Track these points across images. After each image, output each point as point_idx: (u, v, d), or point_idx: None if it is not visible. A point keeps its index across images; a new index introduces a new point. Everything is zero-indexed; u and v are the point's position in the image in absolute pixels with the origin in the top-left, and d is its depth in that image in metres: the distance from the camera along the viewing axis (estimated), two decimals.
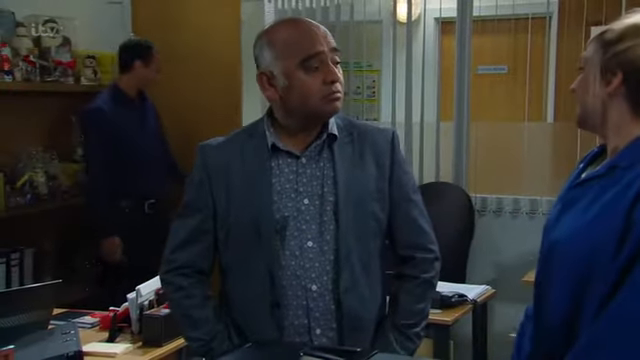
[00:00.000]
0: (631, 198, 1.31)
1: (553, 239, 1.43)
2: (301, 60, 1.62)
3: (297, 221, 1.67)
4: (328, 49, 1.65)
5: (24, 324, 2.12)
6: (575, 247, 1.36)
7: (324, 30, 1.69)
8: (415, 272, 1.77)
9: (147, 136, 3.65)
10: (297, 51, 1.63)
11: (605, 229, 1.32)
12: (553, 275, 1.41)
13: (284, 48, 1.64)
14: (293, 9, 3.91)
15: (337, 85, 1.65)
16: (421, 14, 4.45)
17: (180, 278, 1.73)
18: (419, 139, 3.82)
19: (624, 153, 1.40)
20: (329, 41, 1.66)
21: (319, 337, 1.67)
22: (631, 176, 1.35)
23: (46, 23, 3.73)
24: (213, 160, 1.72)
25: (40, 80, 3.60)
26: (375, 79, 4.22)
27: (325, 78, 1.63)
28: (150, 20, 4.14)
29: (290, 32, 1.66)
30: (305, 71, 1.63)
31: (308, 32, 1.65)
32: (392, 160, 1.75)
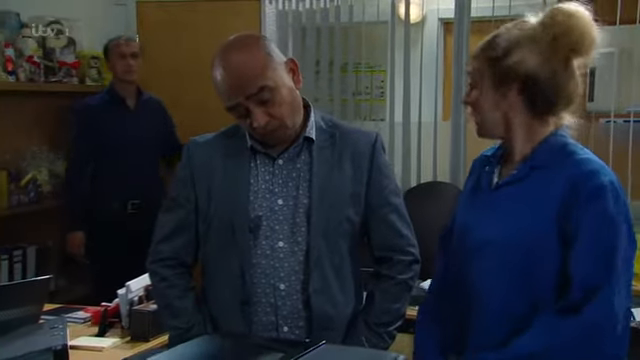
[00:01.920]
0: (559, 196, 1.41)
1: (481, 238, 1.50)
2: (226, 109, 1.66)
3: (270, 221, 1.70)
4: (245, 97, 1.61)
5: (14, 318, 2.15)
6: (514, 244, 1.44)
7: (244, 72, 1.61)
8: (391, 273, 1.79)
9: (136, 137, 3.56)
10: (223, 101, 1.66)
11: (540, 226, 1.41)
12: (490, 271, 1.47)
13: (216, 91, 1.67)
14: (294, 10, 3.94)
15: (265, 127, 1.64)
16: (426, 15, 4.46)
17: (164, 269, 1.78)
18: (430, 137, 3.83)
19: (538, 154, 1.49)
20: (246, 87, 1.61)
21: (286, 334, 1.70)
22: (553, 175, 1.44)
23: (51, 24, 3.79)
24: (197, 157, 1.77)
25: (44, 80, 3.67)
26: (383, 79, 4.23)
27: (252, 124, 1.64)
28: (155, 22, 4.19)
29: (215, 78, 1.65)
30: (236, 116, 1.67)
31: (225, 81, 1.63)
32: (371, 163, 1.76)
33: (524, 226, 1.43)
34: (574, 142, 1.51)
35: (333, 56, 3.93)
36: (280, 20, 3.97)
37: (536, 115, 1.49)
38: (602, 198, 1.39)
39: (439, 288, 1.67)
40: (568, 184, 1.41)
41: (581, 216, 1.39)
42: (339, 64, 3.95)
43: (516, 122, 1.49)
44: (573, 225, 1.39)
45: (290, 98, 1.67)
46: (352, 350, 1.28)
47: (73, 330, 2.32)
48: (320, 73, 3.99)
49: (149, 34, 4.19)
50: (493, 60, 1.47)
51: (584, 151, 1.49)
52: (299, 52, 3.97)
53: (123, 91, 3.61)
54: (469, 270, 1.52)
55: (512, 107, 1.48)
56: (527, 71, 1.44)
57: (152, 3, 4.21)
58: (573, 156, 1.46)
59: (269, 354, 1.17)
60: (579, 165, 1.44)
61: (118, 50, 3.58)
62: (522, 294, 1.44)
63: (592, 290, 1.37)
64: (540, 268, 1.42)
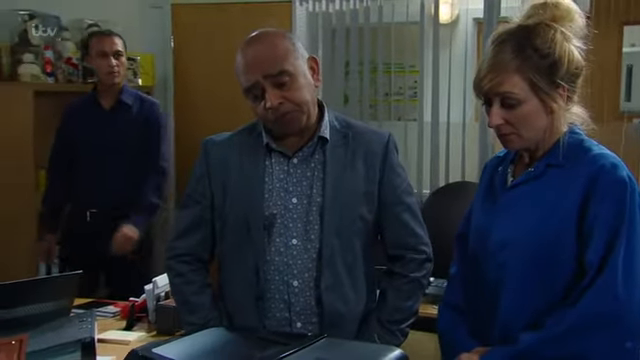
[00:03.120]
0: (580, 193, 1.40)
1: (501, 237, 1.50)
2: (244, 91, 1.71)
3: (284, 219, 1.74)
4: (263, 76, 1.66)
5: (46, 312, 2.25)
6: (533, 242, 1.44)
7: (266, 55, 1.67)
8: (404, 271, 1.82)
9: (108, 140, 3.18)
10: (241, 82, 1.71)
11: (560, 223, 1.41)
12: (511, 270, 1.47)
13: (237, 76, 1.72)
14: (324, 12, 3.98)
15: (278, 110, 1.68)
16: (459, 14, 4.45)
17: (181, 265, 1.83)
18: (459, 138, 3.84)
19: (555, 152, 1.49)
20: (266, 67, 1.66)
21: (300, 330, 1.74)
22: (571, 173, 1.44)
23: (89, 27, 3.91)
24: (214, 155, 1.82)
25: (82, 81, 3.78)
26: (415, 79, 4.23)
27: (265, 105, 1.68)
28: (189, 24, 4.29)
29: (238, 62, 1.71)
30: (251, 99, 1.71)
31: (246, 63, 1.68)
32: (384, 163, 1.79)
33: (543, 224, 1.44)
34: (588, 139, 1.52)
35: (363, 57, 3.96)
36: (310, 21, 4.01)
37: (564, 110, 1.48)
38: (620, 192, 1.39)
39: (459, 285, 1.68)
40: (588, 180, 1.42)
41: (599, 210, 1.39)
42: (369, 65, 3.97)
43: (557, 120, 1.48)
44: (591, 219, 1.40)
45: (307, 89, 1.71)
46: (351, 344, 1.32)
47: (102, 324, 2.40)
48: (350, 74, 4.02)
49: (184, 36, 4.29)
50: (545, 67, 1.43)
51: (599, 147, 1.50)
52: (329, 53, 4.01)
53: (102, 92, 3.23)
54: (489, 271, 1.52)
55: (561, 106, 1.47)
56: (573, 66, 1.45)
57: (187, 6, 4.30)
58: (590, 152, 1.47)
59: (271, 346, 1.22)
60: (597, 160, 1.44)
61: (99, 47, 3.16)
62: (542, 291, 1.44)
63: (593, 279, 1.38)
64: (558, 264, 1.43)
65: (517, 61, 1.43)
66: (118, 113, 3.22)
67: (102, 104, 3.22)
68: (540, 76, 1.43)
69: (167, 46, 4.33)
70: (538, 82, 1.43)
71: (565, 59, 1.44)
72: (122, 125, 3.21)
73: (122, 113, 3.22)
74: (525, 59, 1.42)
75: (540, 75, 1.43)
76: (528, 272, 1.45)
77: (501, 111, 1.45)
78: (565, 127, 1.51)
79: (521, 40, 1.44)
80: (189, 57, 4.27)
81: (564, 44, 1.44)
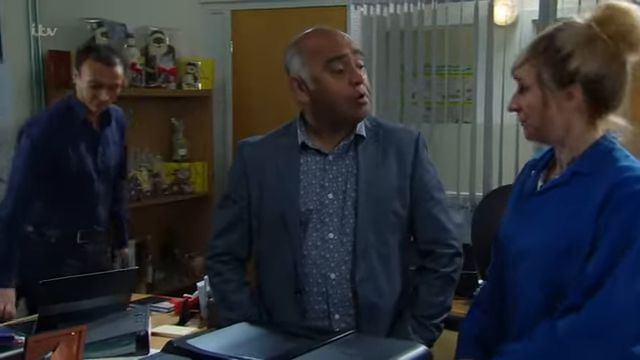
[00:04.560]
0: (598, 204, 1.38)
1: (522, 246, 1.50)
2: (326, 62, 1.76)
3: (320, 214, 1.81)
4: (351, 51, 1.78)
5: (104, 305, 2.38)
6: (548, 251, 1.44)
7: (348, 36, 1.83)
8: (435, 266, 1.87)
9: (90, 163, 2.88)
10: (322, 55, 1.77)
11: (576, 233, 1.40)
12: (529, 278, 1.48)
13: (311, 54, 1.79)
14: (378, 16, 4.02)
15: (362, 87, 1.78)
16: (518, 16, 4.42)
17: (219, 264, 1.92)
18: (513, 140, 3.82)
19: (584, 160, 1.47)
20: (352, 45, 1.80)
21: (338, 322, 1.80)
22: (593, 183, 1.42)
23: (153, 34, 4.07)
24: (250, 156, 1.90)
25: (145, 86, 3.94)
26: (471, 82, 4.23)
27: (350, 79, 1.77)
28: (248, 29, 4.41)
29: (316, 39, 1.81)
30: (331, 73, 1.76)
31: (332, 37, 1.80)
32: (415, 159, 1.86)
33: (562, 233, 1.44)
34: (621, 148, 1.50)
35: (417, 60, 3.98)
36: (365, 25, 4.06)
37: (593, 117, 1.47)
38: (630, 205, 1.38)
39: (488, 287, 1.70)
40: (607, 191, 1.40)
41: (607, 222, 1.38)
42: (423, 68, 3.99)
43: (575, 125, 1.48)
44: (600, 232, 1.39)
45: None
46: (377, 339, 1.37)
47: (157, 318, 2.51)
48: (404, 77, 4.05)
49: (243, 40, 4.41)
50: (555, 61, 1.44)
51: (629, 158, 1.47)
52: (383, 56, 4.05)
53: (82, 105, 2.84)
54: (510, 277, 1.54)
55: (575, 109, 1.46)
56: (590, 72, 1.43)
57: (246, 11, 4.42)
58: (615, 163, 1.45)
59: (299, 340, 1.28)
60: (622, 172, 1.43)
61: (97, 77, 2.75)
62: (557, 300, 1.44)
63: (593, 288, 1.36)
64: (572, 274, 1.42)
65: (533, 51, 1.47)
66: (102, 131, 2.93)
67: (78, 118, 2.84)
68: (547, 68, 1.44)
69: (226, 51, 4.45)
70: (543, 74, 1.44)
71: (579, 59, 1.42)
72: (109, 142, 2.95)
73: (105, 131, 2.94)
74: (540, 50, 1.46)
75: (548, 68, 1.44)
76: (543, 281, 1.45)
77: (518, 96, 1.51)
78: (598, 134, 1.49)
79: (546, 34, 1.48)
80: (247, 61, 4.39)
81: (586, 45, 1.42)
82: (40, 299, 2.29)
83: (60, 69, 3.59)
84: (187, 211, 4.16)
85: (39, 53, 3.58)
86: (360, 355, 1.22)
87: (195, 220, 4.12)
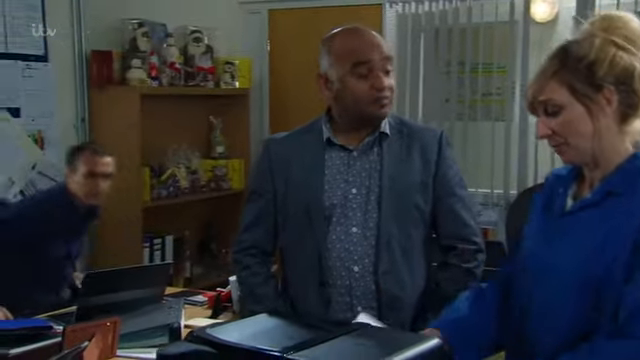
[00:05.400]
0: (636, 227, 1.35)
1: (551, 265, 1.46)
2: (352, 65, 1.80)
3: (344, 208, 1.86)
4: (379, 58, 1.81)
5: (139, 298, 2.46)
6: (582, 272, 1.40)
7: (379, 39, 1.85)
8: (457, 261, 1.90)
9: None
10: (349, 58, 1.81)
11: (613, 256, 1.36)
12: (553, 297, 1.45)
13: (339, 55, 1.83)
14: (413, 13, 4.03)
15: (385, 91, 1.82)
16: (559, 13, 4.38)
17: (247, 258, 1.98)
18: None
19: (617, 179, 1.41)
20: (382, 50, 1.82)
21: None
22: (629, 204, 1.38)
23: (192, 33, 4.16)
24: (275, 152, 1.95)
25: (184, 84, 4.03)
26: (506, 80, 4.21)
27: (373, 84, 1.80)
28: (285, 28, 4.46)
29: (345, 40, 1.85)
30: (356, 77, 1.80)
31: (361, 41, 1.83)
32: (438, 157, 1.90)
33: (594, 258, 1.38)
34: None
35: (451, 57, 3.98)
36: (400, 23, 4.08)
37: (623, 123, 1.42)
38: None
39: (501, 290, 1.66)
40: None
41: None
42: (457, 65, 3.99)
43: (608, 136, 1.41)
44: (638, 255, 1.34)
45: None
46: (392, 331, 1.40)
47: (191, 311, 2.58)
48: (438, 74, 4.06)
49: (279, 39, 4.47)
50: (582, 69, 1.39)
51: None
52: (418, 54, 4.06)
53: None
54: (531, 294, 1.50)
55: (610, 115, 1.41)
56: (619, 71, 1.40)
57: (283, 11, 4.47)
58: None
59: (316, 331, 1.32)
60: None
61: (89, 167, 2.84)
62: (581, 322, 1.41)
63: (636, 310, 1.32)
64: (604, 298, 1.38)
65: (554, 67, 1.42)
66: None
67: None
68: (578, 78, 1.39)
69: (263, 50, 4.51)
70: (576, 85, 1.39)
71: (605, 61, 1.39)
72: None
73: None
74: (562, 64, 1.41)
75: (578, 77, 1.39)
76: (569, 301, 1.42)
77: (547, 120, 1.43)
78: (629, 147, 1.44)
79: (561, 49, 1.44)
80: (284, 60, 4.44)
81: (605, 47, 1.40)
82: (81, 290, 2.38)
83: (102, 69, 3.70)
84: (224, 207, 4.24)
85: (82, 53, 3.69)
86: (373, 346, 1.25)
87: (232, 216, 4.18)
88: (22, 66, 3.44)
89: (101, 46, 3.74)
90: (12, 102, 3.41)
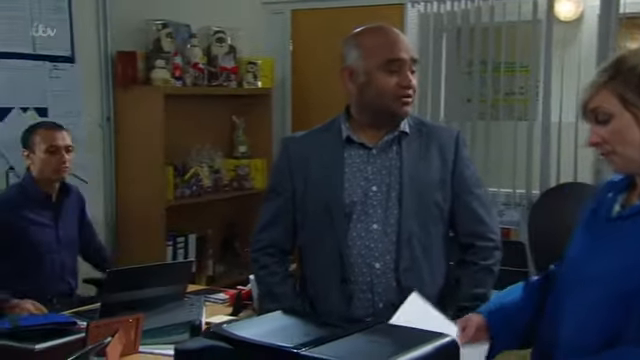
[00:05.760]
0: None
1: (594, 272, 1.45)
2: (383, 62, 1.83)
3: (364, 206, 1.88)
4: (409, 58, 1.85)
5: (162, 295, 2.49)
6: (623, 283, 1.39)
7: (408, 42, 1.89)
8: (475, 259, 1.92)
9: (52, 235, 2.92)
10: (381, 54, 1.84)
11: None
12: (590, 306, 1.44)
13: (370, 49, 1.85)
14: (435, 13, 4.03)
15: (410, 91, 1.85)
16: (584, 11, 4.36)
17: (265, 257, 2.00)
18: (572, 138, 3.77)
19: None
20: (410, 51, 1.87)
21: (382, 311, 1.86)
22: None
23: (216, 34, 4.19)
24: (294, 150, 1.97)
25: (207, 84, 4.06)
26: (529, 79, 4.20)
27: (400, 81, 1.84)
28: (307, 28, 4.49)
29: (378, 37, 1.87)
30: (384, 72, 1.83)
31: (394, 40, 1.86)
32: (456, 156, 1.93)
33: (636, 266, 1.37)
34: None
35: (473, 57, 3.98)
36: (422, 22, 4.08)
37: None
38: None
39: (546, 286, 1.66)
40: None
41: None
42: (479, 65, 3.98)
43: None
44: None
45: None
46: (406, 329, 1.41)
47: (212, 309, 2.62)
48: (461, 74, 4.05)
49: (302, 39, 4.50)
50: (635, 80, 1.39)
51: None
52: (440, 54, 4.06)
53: (38, 182, 2.90)
54: (569, 300, 1.50)
55: None
56: None
57: (306, 11, 4.50)
58: None
59: (331, 329, 1.34)
60: None
61: (51, 142, 2.85)
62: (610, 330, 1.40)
63: None
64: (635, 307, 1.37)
65: (607, 76, 1.42)
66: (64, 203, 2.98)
67: (41, 195, 2.90)
68: (630, 88, 1.40)
69: (286, 50, 4.54)
70: (627, 94, 1.40)
71: None
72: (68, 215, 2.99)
73: (66, 202, 2.99)
74: (616, 74, 1.41)
75: (629, 87, 1.40)
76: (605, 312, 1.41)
77: (597, 129, 1.44)
78: None
79: (617, 59, 1.45)
80: (306, 60, 4.47)
81: None
82: (105, 287, 2.42)
83: (127, 69, 3.75)
84: (247, 206, 4.26)
85: (108, 54, 3.75)
86: (387, 343, 1.26)
87: (254, 215, 4.14)
88: (49, 67, 3.51)
89: (126, 47, 3.79)
90: (40, 102, 3.47)
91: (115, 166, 3.79)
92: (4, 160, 3.32)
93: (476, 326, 1.59)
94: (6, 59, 3.32)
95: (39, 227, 2.88)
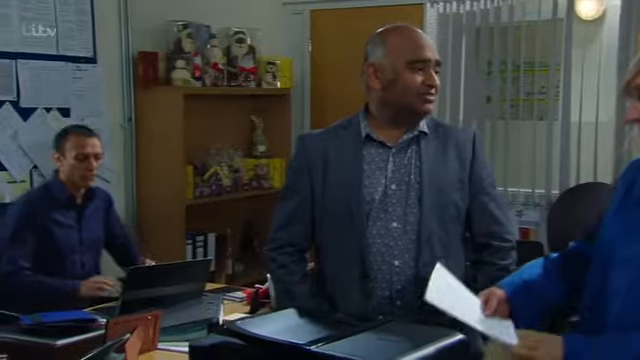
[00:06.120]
0: None
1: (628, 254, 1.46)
2: (410, 61, 1.86)
3: (384, 204, 1.89)
4: (433, 59, 1.88)
5: (181, 293, 2.52)
6: None
7: (433, 44, 1.93)
8: (492, 259, 1.94)
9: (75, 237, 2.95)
10: (408, 53, 1.86)
11: None
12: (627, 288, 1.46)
13: (397, 48, 1.87)
14: (454, 13, 4.02)
15: (434, 89, 1.88)
16: (606, 10, 4.31)
17: (283, 256, 1.99)
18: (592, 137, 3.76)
19: None
20: (435, 54, 1.90)
21: (400, 308, 1.88)
22: None
23: (235, 34, 4.23)
24: (312, 149, 1.98)
25: (227, 85, 4.10)
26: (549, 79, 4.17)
27: (425, 80, 1.86)
28: (326, 28, 4.50)
29: (405, 36, 1.90)
30: (411, 70, 1.86)
31: (420, 40, 1.89)
32: (473, 156, 1.94)
33: None
34: None
35: (492, 56, 3.97)
36: (441, 22, 4.07)
37: None
38: None
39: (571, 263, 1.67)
40: None
41: None
42: (499, 64, 3.97)
43: None
44: None
45: None
46: (415, 327, 1.43)
47: (230, 307, 2.64)
48: (479, 73, 4.04)
49: (321, 39, 4.52)
50: None
51: None
52: (459, 54, 4.05)
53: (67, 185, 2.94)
54: (605, 280, 1.50)
55: None
56: None
57: (325, 11, 4.52)
58: None
59: (342, 326, 1.36)
60: None
61: (80, 149, 2.88)
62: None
63: None
64: None
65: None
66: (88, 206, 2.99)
67: (63, 199, 2.93)
68: None
69: (305, 50, 4.57)
70: None
71: None
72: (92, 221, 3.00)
73: (90, 205, 3.00)
74: None
75: None
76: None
77: (637, 105, 1.45)
78: None
79: None
80: (325, 60, 4.48)
81: None
82: (126, 285, 2.45)
83: (148, 70, 3.80)
84: (266, 205, 4.27)
85: (129, 55, 3.79)
86: (396, 341, 1.28)
87: (273, 214, 4.24)
88: (72, 67, 3.56)
89: (147, 47, 3.84)
90: (63, 102, 3.53)
91: (136, 166, 3.83)
92: (28, 159, 3.38)
93: (498, 299, 1.61)
94: (30, 60, 3.38)
95: (63, 228, 2.92)
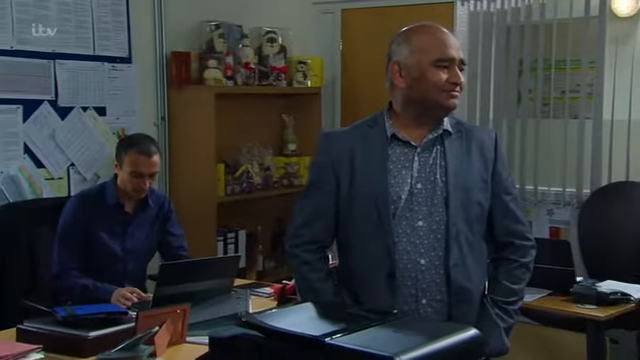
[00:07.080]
0: None
1: None
2: (436, 59, 1.87)
3: (410, 203, 1.91)
4: (458, 58, 1.90)
5: (210, 289, 2.58)
6: None
7: (457, 42, 1.94)
8: (514, 256, 1.97)
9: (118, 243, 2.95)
10: (434, 51, 1.88)
11: None
12: None
13: (423, 46, 1.89)
14: (485, 11, 4.01)
15: (458, 87, 1.90)
16: None
17: (306, 253, 2.00)
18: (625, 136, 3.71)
19: None
20: (460, 53, 1.91)
21: (424, 306, 1.90)
22: None
23: (267, 34, 4.28)
24: (337, 146, 1.98)
25: (258, 84, 4.14)
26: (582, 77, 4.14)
27: (450, 78, 1.88)
28: (357, 27, 4.52)
29: (430, 35, 1.91)
30: (436, 68, 1.88)
31: (446, 40, 1.90)
32: (495, 156, 1.97)
33: None
34: None
35: (523, 54, 3.95)
36: (471, 21, 4.07)
37: None
38: None
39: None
40: None
41: None
42: (529, 63, 3.95)
43: None
44: None
45: None
46: (429, 321, 1.44)
47: (258, 302, 2.69)
48: (510, 72, 4.02)
49: (351, 38, 4.54)
50: None
51: None
52: (489, 52, 4.04)
53: (120, 193, 2.95)
54: None
55: None
56: None
57: (356, 10, 4.54)
58: None
59: (357, 320, 1.39)
60: None
61: (136, 168, 2.88)
62: None
63: None
64: None
65: None
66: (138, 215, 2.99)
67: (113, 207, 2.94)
68: None
69: (336, 49, 4.60)
70: None
71: None
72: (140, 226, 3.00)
73: (141, 214, 3.00)
74: None
75: None
76: None
77: None
78: None
79: None
80: (355, 59, 4.50)
81: None
82: (158, 280, 2.51)
83: (181, 69, 3.87)
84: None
85: (163, 55, 3.87)
86: (411, 334, 1.30)
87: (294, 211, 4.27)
88: (108, 67, 3.65)
89: (180, 47, 3.91)
90: (99, 102, 3.62)
91: (169, 163, 3.90)
92: (65, 157, 3.48)
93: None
94: (68, 60, 3.48)
95: (107, 234, 2.92)
